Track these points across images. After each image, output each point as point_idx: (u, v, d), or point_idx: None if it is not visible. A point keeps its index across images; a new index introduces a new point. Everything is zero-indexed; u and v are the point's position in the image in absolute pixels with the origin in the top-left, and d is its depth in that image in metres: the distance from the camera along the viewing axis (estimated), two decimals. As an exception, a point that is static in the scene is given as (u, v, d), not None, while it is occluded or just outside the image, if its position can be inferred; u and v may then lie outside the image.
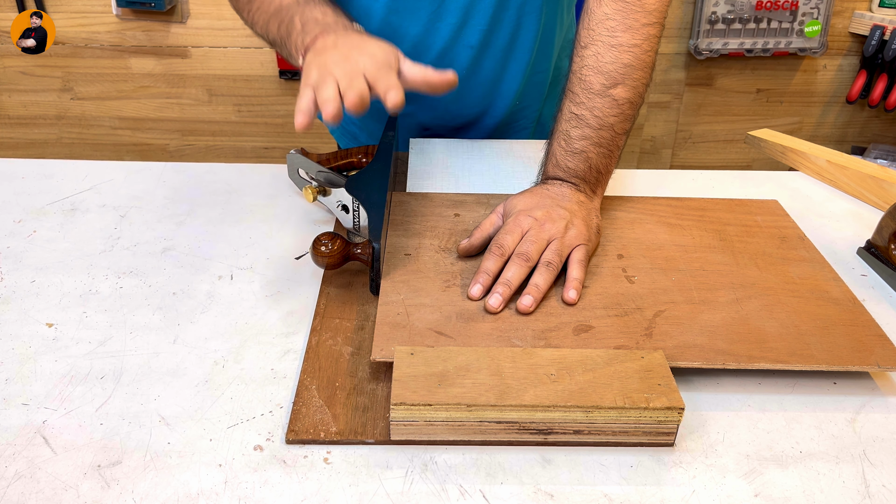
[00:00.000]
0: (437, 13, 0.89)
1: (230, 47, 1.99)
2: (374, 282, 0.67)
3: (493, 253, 0.68)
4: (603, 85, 0.73)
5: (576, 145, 0.75)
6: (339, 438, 0.53)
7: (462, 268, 0.69)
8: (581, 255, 0.69)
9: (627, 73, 0.73)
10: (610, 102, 0.74)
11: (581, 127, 0.74)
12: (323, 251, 0.66)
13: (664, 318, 0.63)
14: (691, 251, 0.73)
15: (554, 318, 0.63)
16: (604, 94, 0.73)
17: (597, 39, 0.74)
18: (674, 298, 0.66)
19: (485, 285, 0.66)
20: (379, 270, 0.67)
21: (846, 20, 2.01)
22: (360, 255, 0.68)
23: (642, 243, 0.74)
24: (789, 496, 0.50)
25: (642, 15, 0.73)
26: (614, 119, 0.74)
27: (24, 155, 2.16)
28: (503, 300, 0.64)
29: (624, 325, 0.62)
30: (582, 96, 0.74)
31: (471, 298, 0.65)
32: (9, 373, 0.59)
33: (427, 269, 0.69)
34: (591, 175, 0.75)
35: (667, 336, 0.61)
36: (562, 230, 0.69)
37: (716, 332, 0.62)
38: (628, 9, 0.73)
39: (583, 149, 0.74)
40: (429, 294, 0.65)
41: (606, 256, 0.72)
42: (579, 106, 0.75)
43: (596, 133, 0.74)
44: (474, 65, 0.94)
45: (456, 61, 0.93)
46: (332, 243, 0.67)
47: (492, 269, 0.67)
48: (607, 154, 0.75)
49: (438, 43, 0.92)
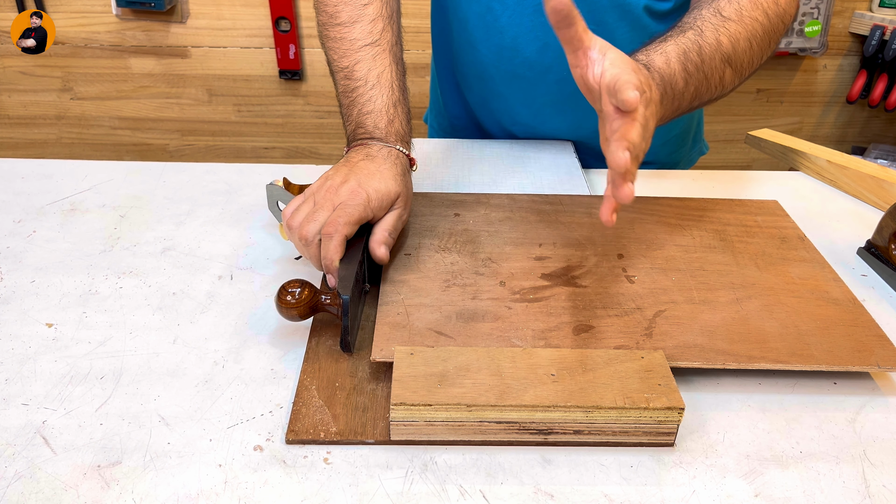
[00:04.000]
0: None
1: (230, 47, 1.99)
2: (343, 339, 0.60)
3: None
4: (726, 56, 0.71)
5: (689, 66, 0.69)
6: (339, 438, 0.53)
7: (462, 267, 0.69)
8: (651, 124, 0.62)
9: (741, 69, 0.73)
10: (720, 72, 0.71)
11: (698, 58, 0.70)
12: (289, 301, 0.59)
13: (664, 318, 0.63)
14: (691, 251, 0.73)
15: (554, 318, 0.63)
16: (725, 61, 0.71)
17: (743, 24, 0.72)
18: (674, 298, 0.66)
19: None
20: (348, 327, 0.59)
21: (846, 20, 2.01)
22: (329, 307, 0.61)
23: (642, 243, 0.74)
24: (789, 496, 0.50)
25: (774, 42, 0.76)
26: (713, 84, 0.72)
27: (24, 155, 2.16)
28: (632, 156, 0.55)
29: (624, 325, 0.62)
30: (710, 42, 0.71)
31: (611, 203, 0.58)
32: (9, 373, 0.59)
33: (427, 269, 0.69)
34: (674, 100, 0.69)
35: (667, 336, 0.61)
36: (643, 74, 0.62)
37: (716, 332, 0.62)
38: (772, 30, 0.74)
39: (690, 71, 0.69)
40: (429, 294, 0.65)
41: (606, 256, 0.72)
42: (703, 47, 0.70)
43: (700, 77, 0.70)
44: None
45: None
46: (300, 292, 0.59)
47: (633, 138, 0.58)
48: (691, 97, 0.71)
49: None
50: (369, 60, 0.77)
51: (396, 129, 0.74)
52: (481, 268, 0.69)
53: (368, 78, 0.76)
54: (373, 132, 0.73)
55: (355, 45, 0.78)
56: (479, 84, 0.98)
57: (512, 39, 0.91)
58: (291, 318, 0.60)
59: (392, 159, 0.71)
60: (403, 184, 0.70)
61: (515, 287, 0.67)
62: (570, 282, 0.68)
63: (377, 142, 0.72)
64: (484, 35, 0.92)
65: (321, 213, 0.65)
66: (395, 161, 0.71)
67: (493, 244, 0.73)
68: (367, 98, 0.75)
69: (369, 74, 0.76)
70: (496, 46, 0.92)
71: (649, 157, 1.00)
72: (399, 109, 0.75)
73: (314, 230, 0.64)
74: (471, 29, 0.93)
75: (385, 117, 0.74)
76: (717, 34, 0.72)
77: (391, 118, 0.74)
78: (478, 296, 0.65)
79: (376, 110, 0.74)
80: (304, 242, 0.65)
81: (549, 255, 0.72)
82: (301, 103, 2.07)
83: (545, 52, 0.90)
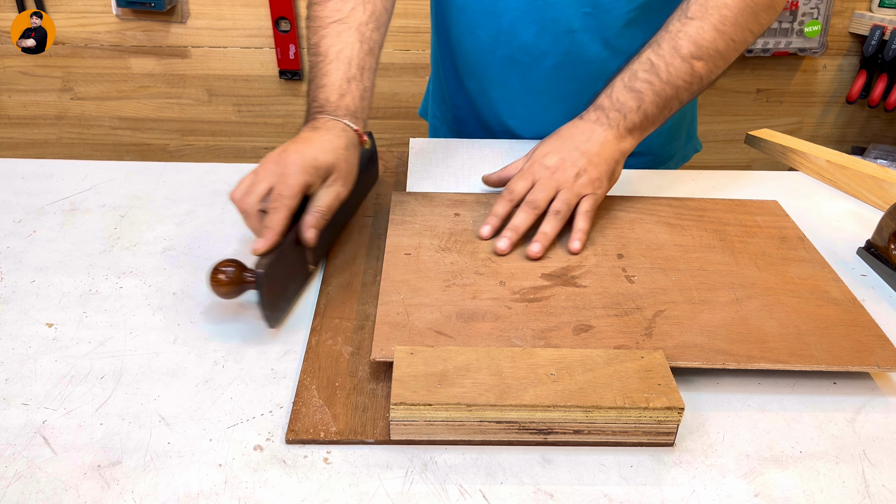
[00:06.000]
0: None
1: (230, 47, 1.99)
2: (262, 313, 0.62)
3: (503, 198, 0.75)
4: (690, 53, 0.77)
5: (637, 85, 0.77)
6: (339, 438, 0.53)
7: (462, 267, 0.69)
8: (587, 205, 0.74)
9: (716, 56, 0.78)
10: (688, 68, 0.77)
11: (650, 73, 0.77)
12: (221, 279, 0.61)
13: (664, 318, 0.63)
14: (691, 251, 0.73)
15: (554, 318, 0.63)
16: (687, 59, 0.77)
17: (707, 18, 0.77)
18: (674, 298, 0.66)
19: (494, 227, 0.74)
20: (268, 303, 0.61)
21: (846, 20, 2.01)
22: (250, 283, 0.62)
23: (642, 243, 0.74)
24: (789, 496, 0.50)
25: (753, 21, 0.78)
26: (683, 83, 0.77)
27: (24, 155, 2.16)
28: (510, 244, 0.71)
29: (624, 325, 0.62)
30: (666, 52, 0.77)
31: (481, 237, 0.73)
32: (9, 373, 0.59)
33: (427, 269, 0.69)
34: (637, 115, 0.78)
35: (667, 336, 0.61)
36: (571, 179, 0.74)
37: (715, 332, 0.62)
38: (746, 9, 0.77)
39: (641, 90, 0.77)
40: (429, 294, 0.65)
41: (606, 256, 0.72)
42: (660, 58, 0.77)
43: (661, 84, 0.77)
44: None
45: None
46: (232, 271, 0.62)
47: (500, 212, 0.74)
48: (661, 106, 0.78)
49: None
50: (333, 37, 0.79)
51: (347, 104, 0.74)
52: (481, 268, 0.69)
53: (328, 54, 0.77)
54: (323, 105, 0.74)
55: (324, 23, 0.79)
56: (478, 71, 0.99)
57: (509, 23, 0.91)
58: (223, 296, 0.62)
59: (336, 131, 0.72)
60: (344, 158, 0.71)
61: (515, 287, 0.67)
62: (570, 282, 0.68)
63: (325, 115, 0.74)
64: (483, 20, 0.93)
65: (261, 185, 0.66)
66: (338, 133, 0.72)
67: (493, 243, 0.73)
68: (323, 73, 0.76)
69: (329, 50, 0.77)
70: (494, 31, 0.93)
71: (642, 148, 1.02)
72: (353, 85, 0.76)
73: (252, 202, 0.66)
74: (470, 14, 0.94)
75: (337, 92, 0.75)
76: (675, 40, 0.77)
77: (343, 93, 0.75)
78: (478, 296, 0.65)
79: (329, 84, 0.75)
80: (245, 215, 0.66)
81: (549, 255, 0.72)
82: (301, 103, 2.07)
83: (542, 36, 0.91)
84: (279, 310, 0.65)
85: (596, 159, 0.76)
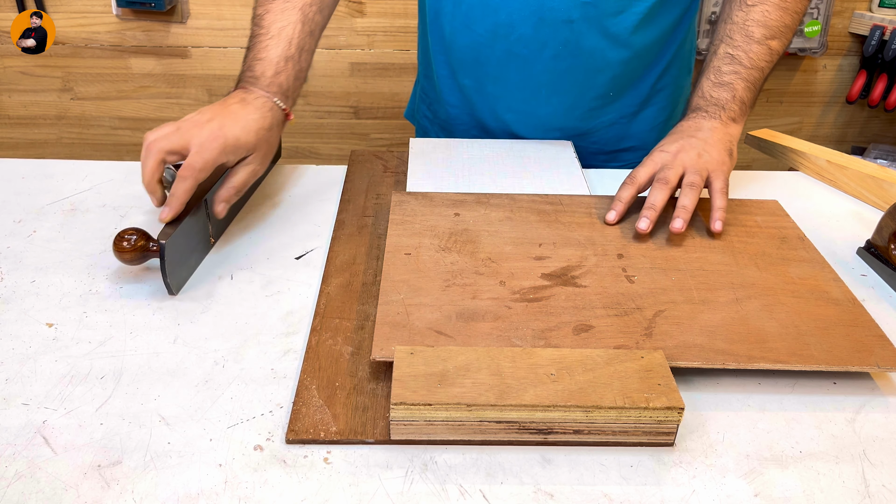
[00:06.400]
0: None
1: (230, 47, 1.99)
2: (164, 281, 0.67)
3: (627, 185, 0.78)
4: (763, 35, 0.83)
5: (725, 79, 0.83)
6: (339, 438, 0.53)
7: (462, 267, 0.69)
8: (720, 183, 0.77)
9: (786, 31, 0.84)
10: (766, 50, 0.83)
11: (733, 65, 0.83)
12: (124, 246, 0.66)
13: (664, 318, 0.63)
14: (691, 251, 0.73)
15: (554, 318, 0.63)
16: (762, 42, 0.83)
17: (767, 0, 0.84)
18: (674, 298, 0.66)
19: (620, 212, 0.77)
20: (169, 271, 0.66)
21: (846, 20, 2.01)
22: (153, 252, 0.67)
23: (642, 243, 0.74)
24: (789, 496, 0.50)
25: None
26: (765, 64, 0.84)
27: (24, 155, 2.16)
28: (651, 222, 0.74)
29: (624, 325, 0.62)
30: (740, 42, 0.83)
31: (608, 222, 0.77)
32: (9, 373, 0.59)
33: (427, 269, 0.69)
34: (734, 105, 0.83)
35: (667, 336, 0.61)
36: (695, 158, 0.78)
37: (716, 332, 0.62)
38: None
39: (730, 81, 0.83)
40: (429, 294, 0.65)
41: (606, 256, 0.72)
42: (736, 49, 0.83)
43: (746, 71, 0.83)
44: None
45: None
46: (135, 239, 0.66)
47: (626, 197, 0.77)
48: (752, 90, 0.84)
49: None
50: (277, 13, 0.82)
51: (280, 82, 0.79)
52: (481, 267, 0.69)
53: (270, 29, 0.81)
54: (258, 78, 0.78)
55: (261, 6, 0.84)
56: (474, 67, 0.99)
57: (507, 16, 0.92)
58: (125, 262, 0.67)
59: (264, 110, 0.75)
60: (265, 139, 0.75)
61: (515, 287, 0.67)
62: (570, 281, 0.68)
63: (258, 89, 0.77)
64: (480, 14, 0.93)
65: (175, 137, 0.70)
66: (266, 112, 0.75)
67: (494, 244, 0.73)
68: (262, 46, 0.80)
69: (272, 26, 0.81)
70: (492, 24, 0.93)
71: (636, 142, 1.04)
72: (290, 65, 0.80)
73: (159, 147, 0.69)
74: (465, 9, 0.94)
75: (273, 68, 0.79)
76: (745, 28, 0.84)
77: (279, 70, 0.79)
78: (478, 295, 0.65)
79: (268, 59, 0.79)
80: (146, 153, 0.70)
81: (549, 255, 0.72)
82: (301, 103, 2.07)
83: (540, 28, 0.91)
84: (179, 278, 0.69)
85: (711, 142, 0.80)
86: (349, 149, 2.11)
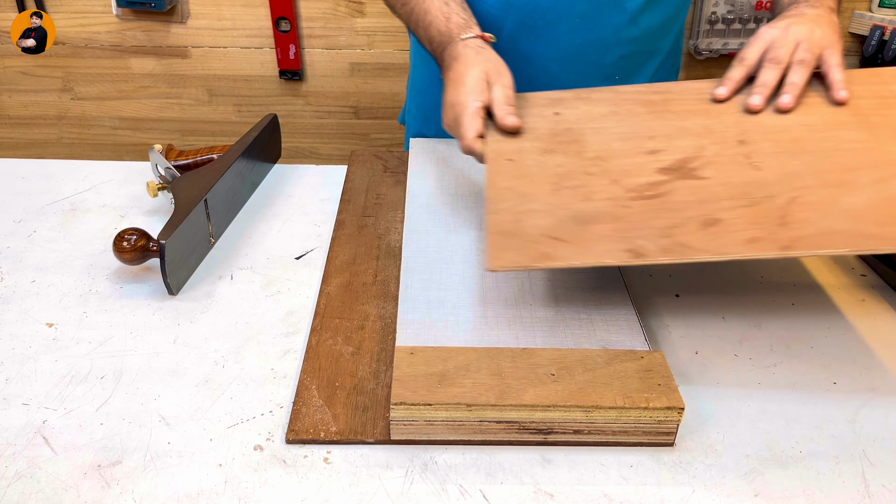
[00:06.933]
0: None
1: (230, 47, 1.99)
2: (164, 281, 0.67)
3: (736, 65, 0.75)
4: None
5: None
6: (339, 438, 0.53)
7: (570, 169, 0.64)
8: (836, 58, 0.72)
9: None
10: None
11: None
12: (124, 247, 0.67)
13: (799, 205, 0.57)
14: (820, 130, 0.66)
15: (677, 214, 0.58)
16: None
17: None
18: (808, 183, 0.59)
19: (731, 89, 0.73)
20: (169, 271, 0.67)
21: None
22: (153, 251, 0.68)
23: (765, 126, 0.68)
24: (789, 496, 0.50)
25: None
26: None
27: (24, 155, 2.16)
28: (764, 99, 0.70)
29: (755, 216, 0.56)
30: None
31: (716, 98, 0.72)
32: (9, 373, 0.59)
33: (532, 174, 0.64)
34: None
35: (805, 224, 0.55)
36: (806, 34, 0.74)
37: (861, 216, 0.55)
38: None
39: None
40: (538, 199, 0.61)
41: (726, 144, 0.66)
42: None
43: None
44: None
45: None
46: (135, 239, 0.67)
47: (736, 77, 0.74)
48: None
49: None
50: None
51: (456, 23, 0.81)
52: (590, 167, 0.65)
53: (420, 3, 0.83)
54: (441, 41, 0.81)
55: None
56: None
57: None
58: (125, 262, 0.68)
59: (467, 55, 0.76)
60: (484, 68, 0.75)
61: (630, 185, 0.62)
62: (689, 174, 0.63)
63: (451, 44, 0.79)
64: None
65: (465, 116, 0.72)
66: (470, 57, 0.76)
67: (601, 141, 0.68)
68: (423, 11, 0.84)
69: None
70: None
71: None
72: (453, 5, 0.83)
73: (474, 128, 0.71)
74: None
75: (442, 19, 0.82)
76: None
77: (447, 16, 0.82)
78: (591, 197, 0.61)
79: (433, 18, 0.82)
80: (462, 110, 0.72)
81: (663, 148, 0.66)
82: (301, 103, 2.07)
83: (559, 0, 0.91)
84: (179, 278, 0.70)
85: (818, 22, 0.76)
86: (349, 149, 2.11)
